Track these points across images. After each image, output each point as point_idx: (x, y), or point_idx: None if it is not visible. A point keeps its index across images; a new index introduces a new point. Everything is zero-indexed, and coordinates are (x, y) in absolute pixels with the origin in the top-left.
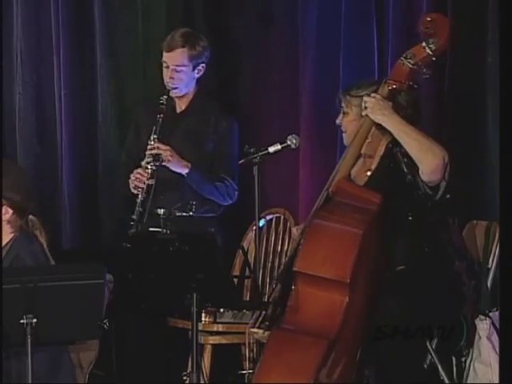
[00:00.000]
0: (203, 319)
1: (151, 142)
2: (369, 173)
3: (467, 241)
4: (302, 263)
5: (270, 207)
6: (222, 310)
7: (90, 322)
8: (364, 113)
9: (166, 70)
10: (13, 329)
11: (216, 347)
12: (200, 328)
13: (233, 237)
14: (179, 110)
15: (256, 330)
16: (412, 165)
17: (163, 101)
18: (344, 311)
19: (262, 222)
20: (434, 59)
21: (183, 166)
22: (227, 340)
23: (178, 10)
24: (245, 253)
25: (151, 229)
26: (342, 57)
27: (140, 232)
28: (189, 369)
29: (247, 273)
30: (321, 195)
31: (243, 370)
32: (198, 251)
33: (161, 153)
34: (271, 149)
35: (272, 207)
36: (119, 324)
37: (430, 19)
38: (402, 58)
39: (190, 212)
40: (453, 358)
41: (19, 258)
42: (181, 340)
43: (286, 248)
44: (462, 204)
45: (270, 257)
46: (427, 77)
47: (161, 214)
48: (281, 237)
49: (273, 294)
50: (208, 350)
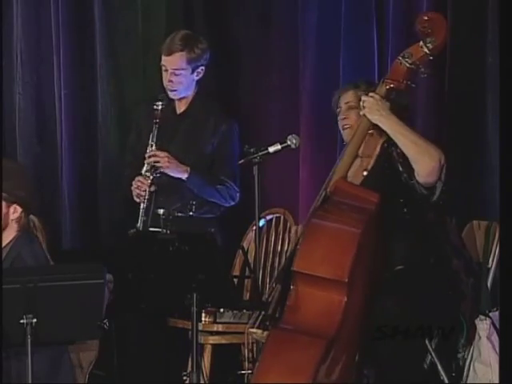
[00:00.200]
0: (203, 319)
1: (149, 150)
2: (365, 173)
3: (467, 241)
4: (300, 263)
5: (270, 207)
6: (222, 310)
7: (90, 322)
8: (362, 112)
9: (165, 73)
10: (13, 329)
11: (216, 347)
12: (200, 328)
13: (233, 237)
14: (179, 112)
15: (255, 330)
16: (408, 165)
17: (158, 106)
18: (342, 311)
19: (262, 222)
20: (432, 58)
21: (182, 171)
22: (227, 340)
23: (178, 10)
24: (245, 253)
25: (151, 229)
26: (342, 57)
27: (140, 232)
28: (189, 369)
29: (247, 273)
30: (319, 195)
31: (243, 370)
32: (198, 251)
33: (159, 160)
34: (271, 149)
35: (272, 207)
36: (119, 324)
37: (427, 18)
38: (400, 58)
39: (190, 212)
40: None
41: (20, 258)
42: (181, 340)
43: (286, 248)
44: (462, 204)
45: (270, 257)
46: (425, 76)
47: (161, 214)
48: (281, 237)
49: (272, 294)
50: (208, 350)
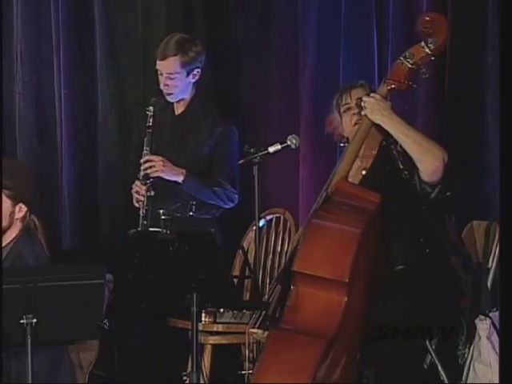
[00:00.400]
0: (203, 319)
1: (144, 153)
2: (364, 171)
3: (467, 241)
4: (301, 263)
5: (270, 207)
6: (222, 310)
7: (90, 322)
8: (363, 113)
9: (161, 77)
10: (13, 329)
11: (216, 347)
12: (200, 328)
13: (233, 237)
14: (177, 113)
15: (256, 330)
16: (408, 162)
17: (149, 112)
18: (343, 311)
19: (262, 222)
20: (433, 59)
21: (178, 174)
22: (227, 340)
23: (178, 10)
24: (245, 253)
25: (151, 229)
26: (342, 57)
27: (140, 232)
28: (189, 369)
29: (247, 273)
30: (320, 195)
31: (243, 370)
32: (198, 251)
33: (154, 164)
34: (271, 149)
35: (272, 207)
36: (119, 324)
37: (429, 19)
38: (401, 58)
39: (190, 212)
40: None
41: (22, 257)
42: (181, 340)
43: (286, 248)
44: (462, 204)
45: (270, 257)
46: (426, 76)
47: (161, 214)
48: (281, 237)
49: (272, 294)
50: (208, 350)
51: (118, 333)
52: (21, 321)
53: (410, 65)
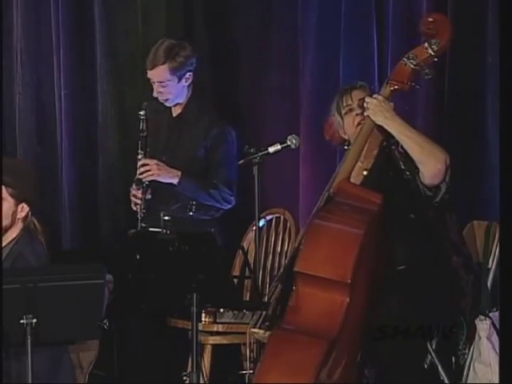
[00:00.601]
0: (203, 319)
1: (138, 158)
2: (365, 172)
3: (467, 241)
4: (303, 263)
5: (270, 207)
6: (222, 310)
7: (90, 322)
8: (365, 114)
9: (154, 85)
10: (13, 329)
11: (216, 347)
12: (200, 328)
13: (233, 237)
14: (175, 115)
15: (257, 330)
16: (410, 163)
17: (141, 116)
18: (344, 311)
19: (262, 222)
20: (436, 60)
21: (173, 177)
22: (227, 340)
23: (178, 10)
24: (245, 253)
25: (151, 229)
26: (342, 57)
27: (140, 232)
28: (189, 369)
29: (247, 273)
30: (322, 196)
31: (243, 370)
32: (198, 251)
33: (149, 168)
34: (271, 149)
35: (272, 207)
36: (119, 324)
37: (432, 20)
38: (405, 59)
39: (190, 212)
40: (453, 358)
41: (22, 257)
42: (181, 340)
43: (286, 248)
44: (462, 204)
45: (270, 257)
46: (429, 77)
47: (161, 215)
48: (281, 237)
49: (273, 295)
50: (208, 350)
51: (118, 333)
52: (21, 321)
53: (413, 66)
